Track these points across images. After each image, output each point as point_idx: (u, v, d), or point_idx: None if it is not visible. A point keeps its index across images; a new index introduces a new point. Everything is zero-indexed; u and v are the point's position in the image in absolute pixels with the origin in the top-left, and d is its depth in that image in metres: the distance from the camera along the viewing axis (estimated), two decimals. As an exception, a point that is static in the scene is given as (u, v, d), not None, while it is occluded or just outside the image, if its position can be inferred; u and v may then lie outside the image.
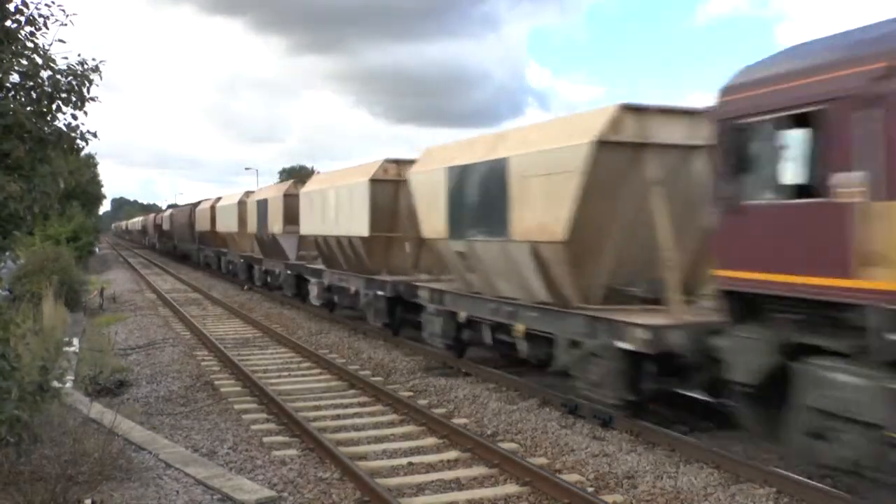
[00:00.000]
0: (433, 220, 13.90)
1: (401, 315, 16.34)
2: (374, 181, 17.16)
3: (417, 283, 15.13)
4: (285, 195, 25.00)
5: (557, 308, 10.70)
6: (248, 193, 32.25)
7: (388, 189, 17.22)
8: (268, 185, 34.05)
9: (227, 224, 34.35)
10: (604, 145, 9.68)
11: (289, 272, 24.49)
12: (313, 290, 21.45)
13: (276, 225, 25.75)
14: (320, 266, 21.27)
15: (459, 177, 12.90)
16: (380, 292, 16.49)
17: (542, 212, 10.54)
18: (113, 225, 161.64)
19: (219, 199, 38.55)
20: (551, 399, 11.00)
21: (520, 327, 11.42)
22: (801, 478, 7.48)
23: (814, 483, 7.36)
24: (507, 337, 12.00)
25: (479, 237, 12.26)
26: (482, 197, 12.16)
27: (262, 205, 27.49)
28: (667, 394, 9.37)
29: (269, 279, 27.99)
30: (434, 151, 14.66)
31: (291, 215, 24.05)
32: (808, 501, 7.18)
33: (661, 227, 9.66)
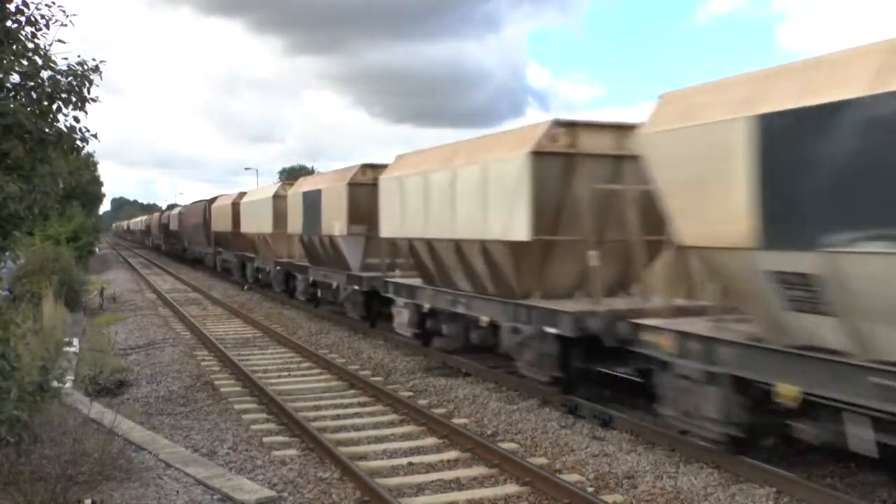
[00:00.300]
0: (711, 213, 7.66)
1: (579, 365, 10.72)
2: (538, 155, 10.79)
3: (646, 322, 9.08)
4: (351, 184, 19.01)
5: None
6: (286, 185, 26.85)
7: (557, 167, 10.90)
8: (318, 174, 27.70)
9: (256, 223, 28.41)
10: None
11: (355, 287, 18.45)
12: (402, 315, 15.33)
13: (336, 224, 19.76)
14: (413, 282, 15.19)
15: (794, 130, 6.77)
16: (550, 329, 10.53)
17: None
18: (114, 224, 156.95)
19: (242, 193, 33.11)
20: (551, 399, 10.99)
21: None
22: (801, 478, 7.48)
23: (814, 483, 7.36)
24: None
25: (865, 245, 6.20)
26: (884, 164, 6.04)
27: (313, 198, 21.42)
28: None
29: (318, 293, 22.15)
30: (690, 96, 8.29)
31: (358, 211, 18.84)
32: (808, 501, 7.17)
33: None
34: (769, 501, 7.28)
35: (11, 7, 7.12)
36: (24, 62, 7.13)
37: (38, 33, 7.29)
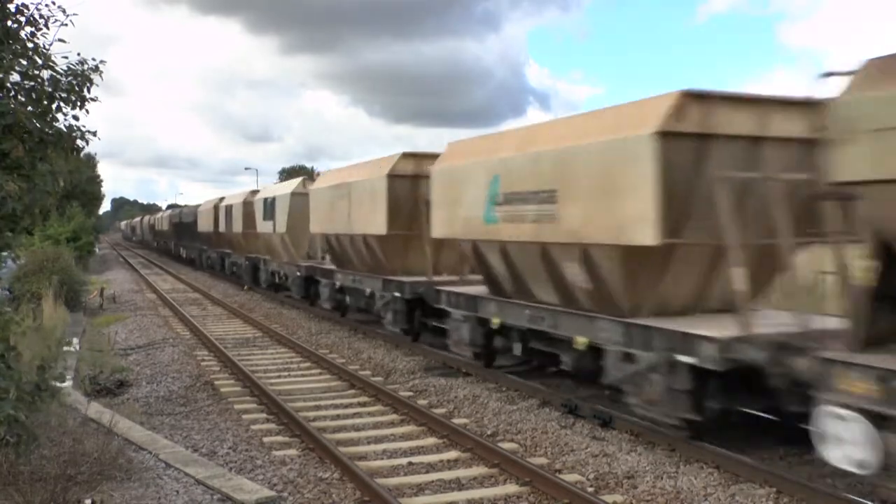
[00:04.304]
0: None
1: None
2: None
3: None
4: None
5: None
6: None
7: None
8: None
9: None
10: None
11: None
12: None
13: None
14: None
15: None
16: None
17: None
18: (123, 224, 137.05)
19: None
20: (551, 399, 10.99)
21: None
22: (801, 478, 7.48)
23: (814, 483, 7.36)
24: None
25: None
26: None
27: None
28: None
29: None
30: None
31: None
32: (808, 501, 7.17)
33: None
34: (769, 501, 7.28)
35: (11, 7, 7.11)
36: (24, 62, 7.12)
37: (38, 33, 7.28)
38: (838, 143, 6.73)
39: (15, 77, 7.10)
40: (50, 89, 7.23)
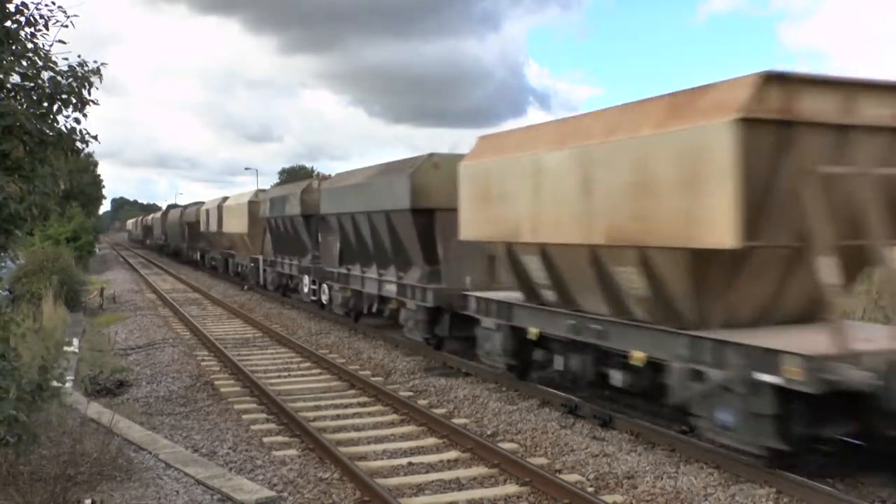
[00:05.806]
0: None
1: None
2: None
3: None
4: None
5: None
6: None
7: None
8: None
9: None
10: None
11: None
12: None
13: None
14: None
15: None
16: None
17: None
18: (129, 222, 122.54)
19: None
20: (551, 399, 10.99)
21: None
22: (801, 478, 7.48)
23: (814, 483, 7.35)
24: None
25: None
26: None
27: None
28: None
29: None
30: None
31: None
32: (808, 501, 7.17)
33: None
34: (769, 501, 7.28)
35: (11, 7, 7.10)
36: (24, 63, 7.11)
37: (38, 34, 7.27)
38: None
39: (15, 78, 7.09)
40: (50, 91, 7.22)
